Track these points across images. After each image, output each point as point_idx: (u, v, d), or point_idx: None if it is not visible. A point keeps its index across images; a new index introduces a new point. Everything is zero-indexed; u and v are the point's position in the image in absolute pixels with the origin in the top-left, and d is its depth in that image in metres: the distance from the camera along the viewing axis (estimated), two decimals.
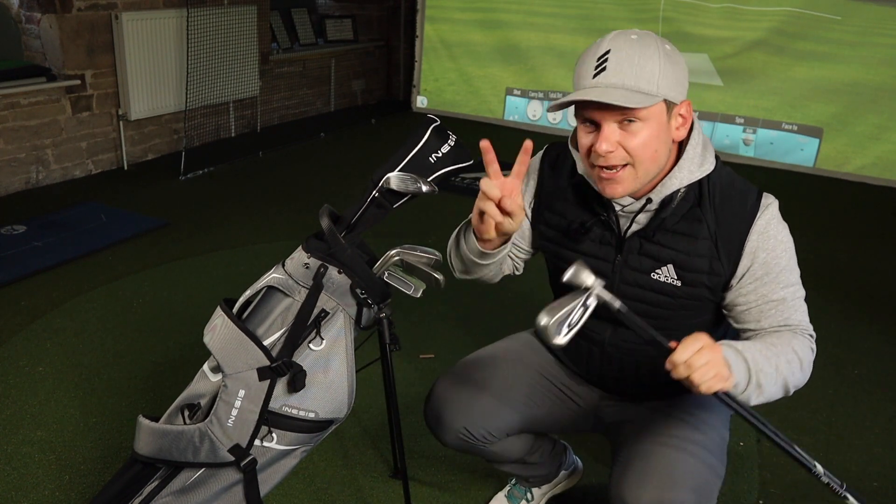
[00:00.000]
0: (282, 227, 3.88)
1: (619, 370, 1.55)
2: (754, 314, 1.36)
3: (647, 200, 1.36)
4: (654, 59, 1.25)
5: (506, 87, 6.24)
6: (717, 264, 1.35)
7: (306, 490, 2.02)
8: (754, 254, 1.33)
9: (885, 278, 3.57)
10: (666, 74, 1.25)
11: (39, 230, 3.66)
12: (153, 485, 1.52)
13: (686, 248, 1.36)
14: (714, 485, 1.38)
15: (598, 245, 1.44)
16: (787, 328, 1.35)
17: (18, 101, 4.11)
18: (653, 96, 1.25)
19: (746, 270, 1.34)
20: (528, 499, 1.95)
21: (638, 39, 1.26)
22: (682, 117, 1.33)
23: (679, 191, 1.34)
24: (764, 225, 1.33)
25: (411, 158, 1.50)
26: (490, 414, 1.57)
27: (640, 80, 1.24)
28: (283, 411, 1.48)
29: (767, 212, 1.34)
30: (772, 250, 1.33)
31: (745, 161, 5.42)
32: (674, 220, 1.36)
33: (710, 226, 1.34)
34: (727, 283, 1.36)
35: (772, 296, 1.34)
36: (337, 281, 1.49)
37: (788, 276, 1.35)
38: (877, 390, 2.61)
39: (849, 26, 5.03)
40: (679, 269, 1.37)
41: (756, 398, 1.27)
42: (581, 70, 1.29)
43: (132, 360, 2.61)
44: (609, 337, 1.52)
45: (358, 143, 5.62)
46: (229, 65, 5.07)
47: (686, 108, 1.32)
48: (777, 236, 1.34)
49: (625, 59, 1.25)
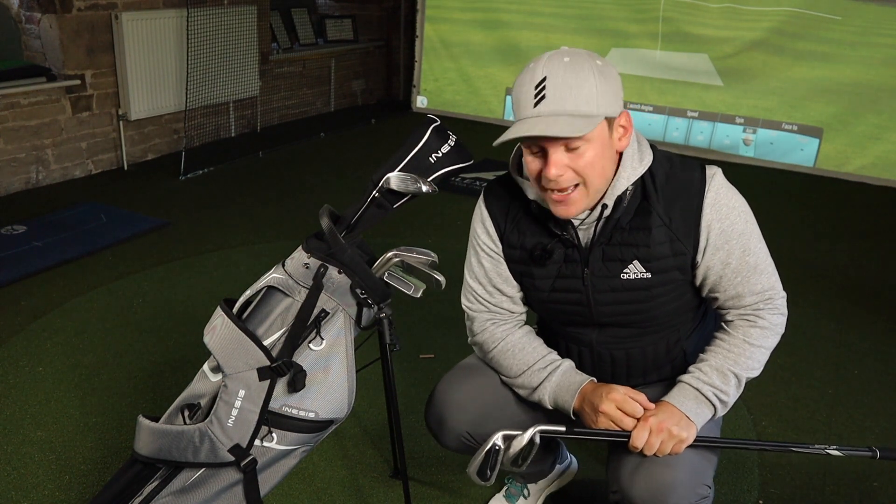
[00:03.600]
0: (282, 227, 3.88)
1: (612, 366, 1.57)
2: (724, 284, 1.41)
3: (603, 207, 1.38)
4: (590, 80, 1.26)
5: (506, 87, 6.24)
6: (678, 245, 1.38)
7: (306, 490, 2.02)
8: (710, 226, 1.37)
9: (885, 278, 3.57)
10: (602, 92, 1.27)
11: (39, 230, 3.66)
12: (153, 485, 1.52)
13: (644, 241, 1.39)
14: (707, 466, 1.43)
15: (564, 264, 1.46)
16: (752, 298, 1.42)
17: (18, 101, 4.11)
18: (594, 117, 1.27)
19: (707, 243, 1.38)
20: (525, 495, 1.97)
21: (570, 62, 1.27)
22: (623, 128, 1.35)
23: (627, 190, 1.37)
24: (714, 196, 1.37)
25: (411, 158, 1.50)
26: (492, 417, 1.58)
27: (580, 103, 1.26)
28: (284, 411, 1.48)
29: (714, 182, 1.38)
30: (726, 218, 1.37)
31: (745, 161, 5.42)
32: (626, 217, 1.39)
33: (660, 213, 1.38)
34: (693, 260, 1.40)
35: (736, 262, 1.39)
36: (337, 281, 1.49)
37: (748, 240, 1.39)
38: (877, 390, 2.61)
39: (849, 26, 5.03)
40: (644, 262, 1.40)
41: (728, 407, 1.44)
42: (520, 97, 1.30)
43: (132, 360, 2.61)
44: (596, 337, 1.54)
45: (358, 143, 5.62)
46: (229, 65, 5.07)
47: (625, 119, 1.34)
48: (728, 203, 1.38)
49: (562, 85, 1.26)
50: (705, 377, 1.41)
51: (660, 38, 5.61)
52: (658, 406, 1.40)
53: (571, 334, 1.56)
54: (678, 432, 1.34)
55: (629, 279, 1.42)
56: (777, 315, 1.45)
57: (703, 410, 1.40)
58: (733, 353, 1.43)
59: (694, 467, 1.39)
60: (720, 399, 1.41)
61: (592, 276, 1.44)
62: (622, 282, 1.42)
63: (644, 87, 5.69)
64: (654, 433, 1.34)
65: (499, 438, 1.38)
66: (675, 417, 1.36)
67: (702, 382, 1.41)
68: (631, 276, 1.41)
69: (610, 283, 1.43)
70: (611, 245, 1.41)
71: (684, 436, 1.35)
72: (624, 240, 1.40)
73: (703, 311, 1.57)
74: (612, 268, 1.42)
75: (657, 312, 1.47)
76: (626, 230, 1.39)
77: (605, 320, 1.49)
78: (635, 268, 1.41)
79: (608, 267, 1.42)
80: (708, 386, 1.41)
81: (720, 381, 1.41)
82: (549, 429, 1.39)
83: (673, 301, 1.46)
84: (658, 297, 1.44)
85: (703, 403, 1.40)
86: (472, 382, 1.61)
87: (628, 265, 1.41)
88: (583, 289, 1.45)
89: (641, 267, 1.40)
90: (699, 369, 1.43)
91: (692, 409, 1.39)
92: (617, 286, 1.43)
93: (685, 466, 1.37)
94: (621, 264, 1.41)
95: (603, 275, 1.43)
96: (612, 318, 1.48)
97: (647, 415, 1.37)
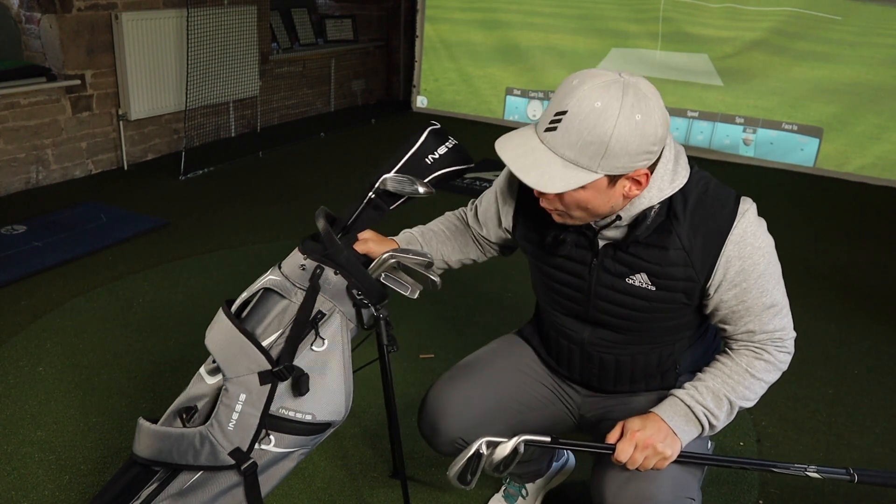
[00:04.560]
0: (282, 227, 3.88)
1: (600, 368, 1.56)
2: (735, 318, 1.39)
3: (617, 217, 1.34)
4: (605, 137, 1.18)
5: (506, 87, 6.24)
6: (690, 271, 1.35)
7: (306, 490, 2.03)
8: (729, 262, 1.32)
9: (885, 278, 3.57)
10: (615, 153, 1.19)
11: (39, 230, 3.66)
12: (152, 487, 1.51)
13: (659, 259, 1.36)
14: (690, 479, 1.42)
15: (574, 249, 1.45)
16: (763, 336, 1.39)
17: (18, 101, 4.11)
18: (589, 173, 1.21)
19: (723, 279, 1.34)
20: (524, 495, 1.97)
21: (601, 109, 1.17)
22: (635, 182, 1.27)
23: (652, 207, 1.32)
24: (741, 234, 1.32)
25: (407, 160, 1.51)
26: (485, 422, 1.58)
27: (581, 156, 1.20)
28: (281, 413, 1.48)
29: (744, 219, 1.32)
30: (749, 257, 1.32)
31: (745, 161, 5.42)
32: (645, 233, 1.35)
33: (681, 237, 1.33)
34: (704, 290, 1.37)
35: (751, 301, 1.36)
36: (333, 282, 1.49)
37: (767, 282, 1.35)
38: (877, 390, 2.61)
39: (849, 26, 5.03)
40: (652, 276, 1.38)
41: (715, 431, 1.42)
42: (548, 109, 1.26)
43: (132, 360, 2.61)
44: (588, 336, 1.53)
45: (358, 143, 5.62)
46: (229, 65, 5.08)
47: (644, 177, 1.26)
48: (754, 243, 1.33)
49: (574, 130, 1.19)
50: (699, 397, 1.39)
51: (660, 38, 5.61)
52: (646, 417, 1.38)
53: (565, 329, 1.56)
54: (663, 449, 1.33)
55: (633, 286, 1.40)
56: (784, 353, 1.42)
57: (691, 429, 1.39)
58: (733, 379, 1.40)
59: (676, 481, 1.38)
60: (710, 422, 1.39)
61: (599, 269, 1.42)
62: (625, 285, 1.41)
63: None
64: (640, 449, 1.33)
65: (483, 444, 1.37)
66: (661, 433, 1.35)
67: (695, 402, 1.39)
68: (636, 283, 1.40)
69: (613, 282, 1.42)
70: (625, 252, 1.39)
71: (668, 453, 1.34)
72: (638, 252, 1.37)
73: (703, 330, 1.55)
74: (620, 270, 1.41)
75: (653, 326, 1.45)
76: (642, 245, 1.36)
77: (599, 317, 1.48)
78: (642, 279, 1.39)
79: (616, 268, 1.41)
80: (700, 406, 1.39)
81: (713, 405, 1.39)
82: (534, 439, 1.38)
83: (671, 319, 1.44)
84: (657, 312, 1.42)
85: (692, 422, 1.39)
86: (464, 388, 1.61)
87: (636, 274, 1.39)
88: (587, 277, 1.44)
89: (648, 280, 1.38)
90: (695, 387, 1.41)
91: (680, 426, 1.37)
92: (619, 287, 1.42)
93: (667, 481, 1.37)
94: (629, 270, 1.40)
95: (609, 270, 1.41)
96: (607, 318, 1.47)
97: (635, 429, 1.35)
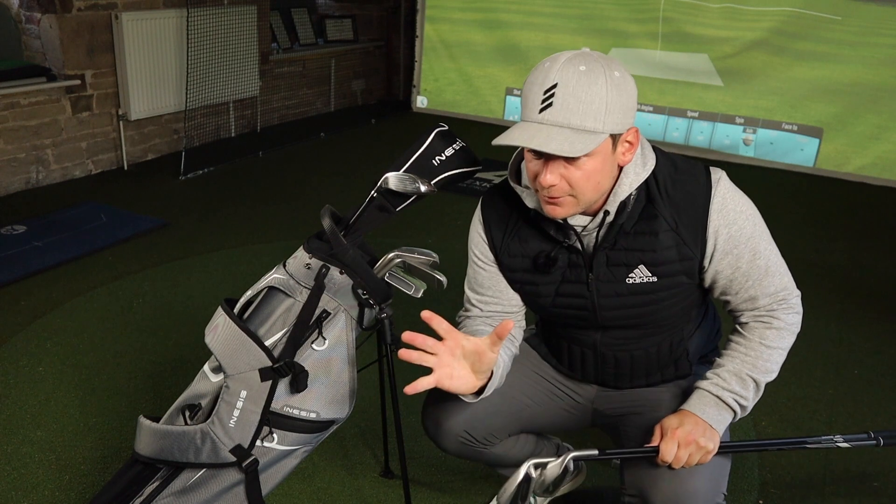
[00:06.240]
0: (282, 227, 3.87)
1: (615, 367, 1.56)
2: (735, 287, 1.40)
3: (605, 213, 1.36)
4: (602, 94, 1.23)
5: (506, 87, 6.24)
6: (684, 249, 1.37)
7: (306, 490, 2.02)
8: (717, 232, 1.35)
9: (885, 278, 3.57)
10: (612, 109, 1.24)
11: (39, 230, 3.66)
12: (154, 485, 1.52)
13: (651, 245, 1.37)
14: (724, 475, 1.43)
15: (568, 269, 1.44)
16: (766, 300, 1.40)
17: (18, 101, 4.10)
18: (598, 134, 1.24)
19: (715, 249, 1.37)
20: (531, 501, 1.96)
21: (586, 71, 1.22)
22: (629, 143, 1.32)
23: (631, 195, 1.36)
24: (720, 202, 1.35)
25: (414, 161, 1.51)
26: (490, 414, 1.57)
27: (587, 118, 1.23)
28: (285, 411, 1.48)
29: (720, 187, 1.36)
30: (733, 223, 1.36)
31: (745, 161, 5.43)
32: (631, 222, 1.37)
33: (666, 217, 1.36)
34: (700, 265, 1.39)
35: (746, 266, 1.38)
36: (339, 281, 1.49)
37: (757, 244, 1.37)
38: (877, 390, 2.61)
39: (849, 26, 5.03)
40: (650, 266, 1.39)
41: (747, 412, 1.43)
42: (528, 97, 1.27)
43: (132, 360, 2.61)
44: (600, 338, 1.53)
45: (358, 143, 5.62)
46: (229, 65, 5.07)
47: (633, 135, 1.31)
48: (735, 208, 1.36)
49: (571, 96, 1.22)
50: (724, 383, 1.40)
51: (660, 38, 5.61)
52: (682, 415, 1.38)
53: (574, 336, 1.56)
54: (705, 443, 1.33)
55: (635, 283, 1.40)
56: (792, 314, 1.43)
57: (724, 416, 1.39)
58: (750, 356, 1.41)
59: (714, 476, 1.39)
60: (740, 404, 1.40)
61: (597, 282, 1.42)
62: (627, 286, 1.41)
63: (644, 87, 5.69)
64: (683, 446, 1.33)
65: (530, 467, 1.34)
66: (700, 428, 1.35)
67: (721, 389, 1.40)
68: (636, 280, 1.40)
69: (615, 287, 1.42)
70: (615, 250, 1.39)
71: (710, 447, 1.34)
72: (629, 245, 1.38)
73: (704, 309, 1.57)
74: (618, 273, 1.41)
75: (662, 315, 1.46)
76: (631, 235, 1.37)
77: (609, 324, 1.48)
78: (641, 272, 1.39)
79: (613, 272, 1.41)
80: (728, 392, 1.39)
81: (739, 387, 1.40)
82: (582, 454, 1.36)
83: (678, 304, 1.45)
84: (663, 301, 1.43)
85: (723, 410, 1.39)
86: None
87: (634, 269, 1.39)
88: (587, 294, 1.44)
89: (647, 271, 1.39)
90: (717, 375, 1.41)
91: (714, 417, 1.38)
92: (622, 291, 1.42)
93: (706, 475, 1.37)
94: (626, 269, 1.40)
95: (608, 280, 1.42)
96: (617, 322, 1.47)
97: (674, 427, 1.35)
